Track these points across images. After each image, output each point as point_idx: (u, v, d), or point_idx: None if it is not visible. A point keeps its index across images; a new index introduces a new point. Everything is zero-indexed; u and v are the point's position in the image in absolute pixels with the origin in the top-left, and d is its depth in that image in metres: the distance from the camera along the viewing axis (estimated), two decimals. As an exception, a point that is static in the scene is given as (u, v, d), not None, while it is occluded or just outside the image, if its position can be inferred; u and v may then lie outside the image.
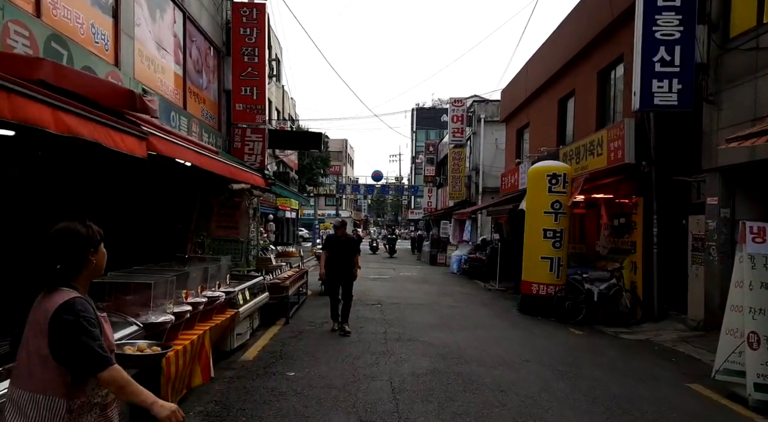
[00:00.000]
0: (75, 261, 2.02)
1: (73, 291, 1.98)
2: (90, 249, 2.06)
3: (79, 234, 2.03)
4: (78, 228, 2.04)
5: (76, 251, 2.02)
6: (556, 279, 10.33)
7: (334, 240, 8.29)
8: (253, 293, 7.35)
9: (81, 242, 2.03)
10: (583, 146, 11.92)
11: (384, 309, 10.42)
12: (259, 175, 7.85)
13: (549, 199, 10.38)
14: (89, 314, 1.94)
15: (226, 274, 6.31)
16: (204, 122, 11.45)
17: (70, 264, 2.01)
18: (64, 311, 1.89)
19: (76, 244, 2.02)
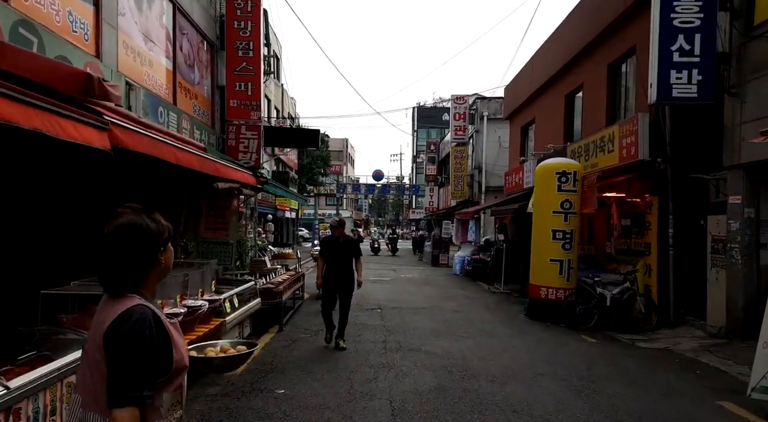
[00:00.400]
0: (143, 263, 1.72)
1: (137, 297, 1.69)
2: (159, 247, 1.76)
3: (147, 231, 1.73)
4: (146, 222, 1.74)
5: (145, 250, 1.72)
6: (566, 282, 9.79)
7: (330, 242, 7.42)
8: (243, 299, 6.83)
9: (150, 239, 1.73)
10: (593, 143, 11.39)
11: (384, 314, 9.89)
12: (250, 173, 7.33)
13: (558, 198, 9.84)
14: (145, 328, 1.63)
15: (212, 280, 5.79)
16: (196, 119, 10.94)
17: (137, 266, 1.71)
18: (120, 323, 1.61)
19: (145, 242, 1.72)
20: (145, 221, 1.74)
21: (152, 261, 1.74)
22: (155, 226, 1.75)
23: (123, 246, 1.68)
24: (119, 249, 1.68)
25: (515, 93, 18.69)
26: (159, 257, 1.76)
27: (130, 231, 1.70)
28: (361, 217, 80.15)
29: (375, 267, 21.69)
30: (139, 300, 1.68)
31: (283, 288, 8.27)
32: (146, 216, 1.76)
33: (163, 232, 1.78)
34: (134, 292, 1.70)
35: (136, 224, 1.71)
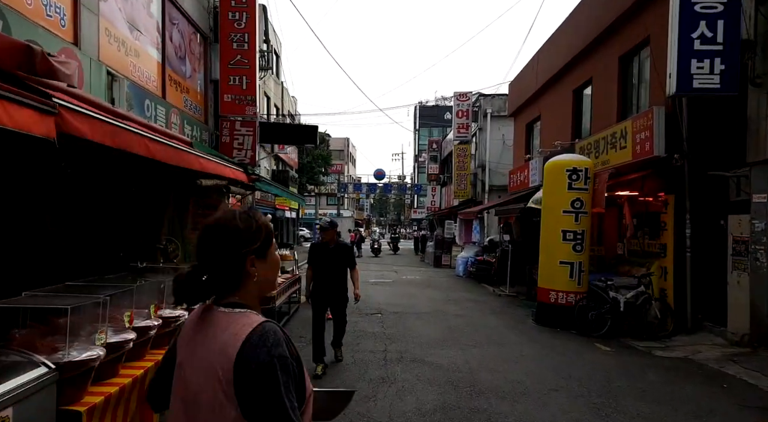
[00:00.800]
0: (226, 271, 1.42)
1: (251, 312, 1.40)
2: (246, 252, 1.41)
3: (233, 232, 1.42)
4: (234, 221, 1.43)
5: (226, 256, 1.41)
6: (576, 286, 9.25)
7: (319, 249, 6.28)
8: (232, 307, 6.31)
9: (233, 243, 1.41)
10: (603, 139, 10.85)
11: (384, 319, 9.36)
12: (240, 170, 6.80)
13: (569, 197, 9.30)
14: (286, 351, 1.33)
15: (194, 287, 5.25)
16: (187, 113, 10.42)
17: (219, 275, 1.42)
18: (255, 348, 1.29)
19: (227, 246, 1.41)
20: (234, 220, 1.42)
21: (238, 270, 1.41)
22: (245, 227, 1.42)
23: (204, 250, 1.42)
24: (201, 253, 1.42)
25: (520, 89, 18.14)
26: (247, 265, 1.41)
27: (212, 233, 1.42)
28: (362, 217, 79.66)
29: (376, 268, 21.16)
30: (256, 315, 1.37)
31: (277, 292, 7.74)
32: (240, 215, 1.44)
33: (253, 236, 1.43)
34: (239, 307, 1.38)
35: (220, 223, 1.42)
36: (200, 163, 5.20)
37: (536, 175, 15.22)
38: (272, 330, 1.34)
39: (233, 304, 1.40)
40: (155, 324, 4.19)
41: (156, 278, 4.88)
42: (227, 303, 1.40)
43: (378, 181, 52.77)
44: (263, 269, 1.45)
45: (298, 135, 13.14)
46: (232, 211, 1.47)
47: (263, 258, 1.46)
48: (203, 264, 1.43)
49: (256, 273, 1.43)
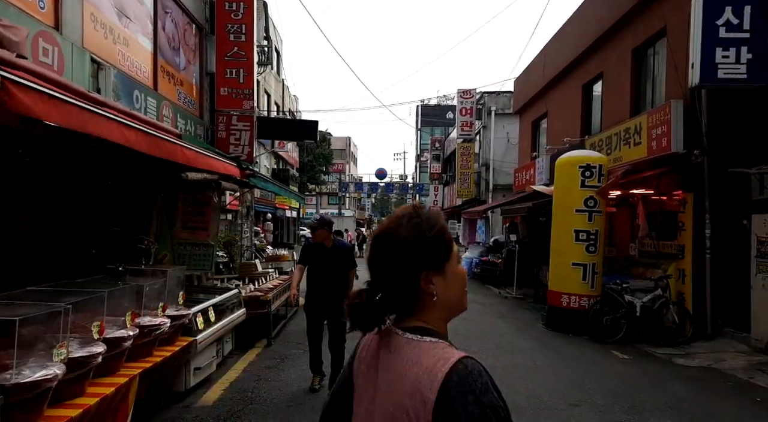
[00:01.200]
0: (399, 289, 1.17)
1: (442, 343, 1.14)
2: (418, 268, 1.15)
3: (398, 242, 1.18)
4: (398, 229, 1.18)
5: (395, 271, 1.17)
6: (590, 289, 8.77)
7: (313, 251, 5.41)
8: (222, 311, 5.84)
9: (400, 256, 1.16)
10: (616, 135, 10.38)
11: (387, 324, 8.89)
12: (233, 164, 6.33)
13: (582, 195, 8.82)
14: (497, 399, 1.05)
15: (179, 291, 4.79)
16: (180, 107, 9.95)
17: (395, 293, 1.18)
18: (462, 394, 1.02)
19: (393, 259, 1.17)
20: (400, 228, 1.18)
21: (412, 289, 1.16)
22: (414, 237, 1.17)
23: (374, 265, 1.22)
24: (372, 268, 1.23)
25: (526, 85, 17.66)
26: (421, 283, 1.15)
27: (379, 245, 1.22)
28: (364, 217, 79.15)
29: (377, 268, 20.71)
30: (449, 346, 1.14)
31: (273, 296, 7.28)
32: (409, 221, 1.19)
33: (425, 248, 1.16)
34: (425, 332, 1.15)
35: (387, 233, 1.21)
36: (185, 154, 4.73)
37: (543, 174, 14.76)
38: (477, 370, 1.09)
39: (419, 330, 1.16)
40: (130, 334, 3.72)
41: (137, 281, 4.41)
42: (411, 328, 1.17)
43: (380, 180, 52.22)
44: (443, 286, 1.18)
45: (297, 130, 12.63)
46: (401, 216, 1.21)
47: (441, 273, 1.17)
48: (376, 282, 1.22)
49: (434, 292, 1.16)
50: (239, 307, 6.48)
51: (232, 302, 6.32)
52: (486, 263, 15.98)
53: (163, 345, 4.43)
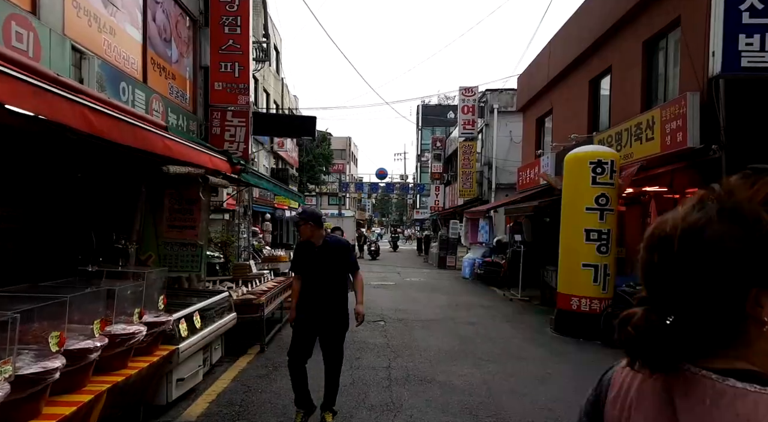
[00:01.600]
0: (711, 312, 0.81)
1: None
2: (748, 284, 0.78)
3: (718, 246, 0.79)
4: (718, 227, 0.80)
5: (709, 287, 0.80)
6: (601, 292, 8.34)
7: (304, 251, 4.49)
8: (210, 316, 5.42)
9: (722, 265, 0.79)
10: (626, 130, 9.94)
11: (388, 328, 8.45)
12: (223, 158, 5.90)
13: (593, 193, 8.38)
14: None
15: (159, 295, 4.37)
16: (172, 101, 9.54)
17: (703, 318, 0.82)
18: None
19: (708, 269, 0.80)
20: (722, 226, 0.79)
21: (732, 312, 0.79)
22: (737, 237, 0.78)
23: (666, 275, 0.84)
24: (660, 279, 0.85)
25: (530, 82, 17.22)
26: (747, 305, 0.79)
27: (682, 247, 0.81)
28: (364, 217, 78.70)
29: (378, 269, 20.27)
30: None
31: (266, 299, 6.84)
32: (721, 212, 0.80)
33: (760, 253, 0.77)
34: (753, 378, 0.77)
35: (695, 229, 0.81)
36: (166, 144, 4.30)
37: (548, 172, 14.32)
38: None
39: (745, 374, 0.79)
40: (98, 345, 3.29)
41: (113, 284, 3.99)
42: (731, 371, 0.80)
43: (380, 180, 51.81)
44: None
45: (294, 126, 12.18)
46: (701, 205, 0.84)
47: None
48: (666, 298, 0.85)
49: (766, 318, 0.79)
50: (229, 311, 6.06)
51: (222, 306, 5.89)
52: (489, 264, 15.53)
53: (140, 355, 4.01)
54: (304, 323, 4.40)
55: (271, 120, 12.19)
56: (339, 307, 4.44)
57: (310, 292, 4.41)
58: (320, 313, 4.37)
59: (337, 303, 4.42)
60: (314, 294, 4.38)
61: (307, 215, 4.41)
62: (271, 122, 11.95)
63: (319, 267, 4.40)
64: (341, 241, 4.69)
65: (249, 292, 7.13)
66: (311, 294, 4.40)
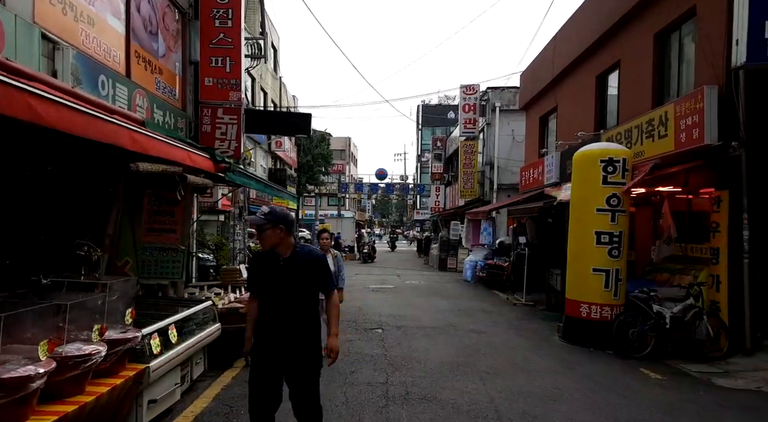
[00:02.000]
0: None
1: None
2: None
3: None
4: None
5: None
6: (613, 298, 7.84)
7: (265, 264, 3.46)
8: (190, 329, 4.93)
9: None
10: (637, 127, 9.46)
11: (386, 337, 7.96)
12: (205, 155, 5.42)
13: (604, 193, 7.89)
14: None
15: (127, 307, 3.88)
16: (158, 97, 9.05)
17: None
18: None
19: None
20: None
21: None
22: None
23: None
24: None
25: (533, 79, 16.75)
26: None
27: None
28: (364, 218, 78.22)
29: (378, 272, 19.80)
30: None
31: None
32: None
33: None
34: None
35: None
36: (133, 138, 3.82)
37: (552, 172, 13.84)
38: None
39: None
40: (41, 371, 2.80)
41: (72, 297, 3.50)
42: None
43: (380, 180, 51.34)
44: None
45: (289, 124, 11.67)
46: None
47: None
48: None
49: None
50: (213, 322, 5.57)
51: (205, 316, 5.41)
52: (492, 267, 15.05)
53: (102, 377, 3.52)
54: (264, 359, 3.34)
55: (265, 117, 11.69)
56: (309, 339, 3.37)
57: (271, 319, 3.34)
58: (283, 347, 3.30)
59: (307, 334, 3.37)
60: (276, 321, 3.32)
61: (276, 216, 3.26)
62: (264, 119, 11.46)
63: (285, 286, 3.32)
64: (314, 253, 3.56)
65: (237, 300, 6.64)
66: (272, 322, 3.33)
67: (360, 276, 18.03)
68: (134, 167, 3.97)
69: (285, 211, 3.54)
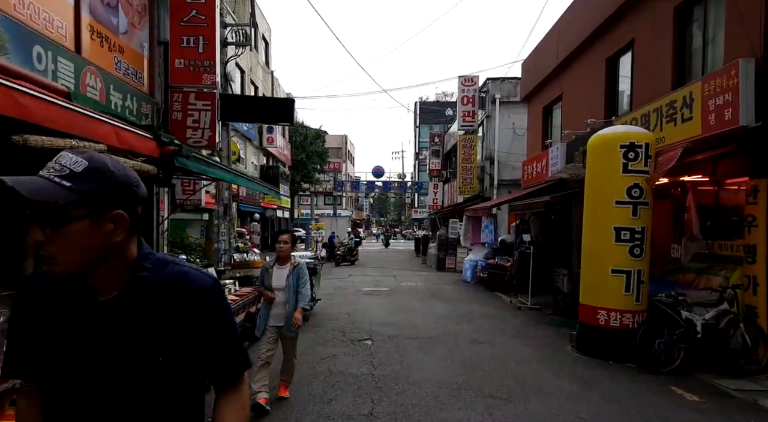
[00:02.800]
0: None
1: None
2: None
3: None
4: None
5: None
6: (634, 303, 6.83)
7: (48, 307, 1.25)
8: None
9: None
10: (656, 111, 8.47)
11: (375, 350, 6.94)
12: (146, 135, 4.38)
13: (624, 183, 6.88)
14: None
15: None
16: (118, 78, 8.01)
17: None
18: None
19: None
20: None
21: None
22: None
23: None
24: None
25: (536, 67, 15.73)
26: None
27: None
28: (362, 217, 77.21)
29: (373, 273, 18.76)
30: None
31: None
32: None
33: None
34: None
35: None
36: (18, 102, 2.78)
37: (557, 164, 12.84)
38: None
39: None
40: None
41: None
42: None
43: (376, 178, 50.33)
44: None
45: (270, 111, 10.55)
46: None
47: None
48: None
49: None
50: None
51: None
52: (493, 267, 14.03)
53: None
54: None
55: (243, 103, 10.58)
56: None
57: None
58: None
59: None
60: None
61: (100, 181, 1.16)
62: (242, 106, 10.37)
63: (103, 375, 1.22)
64: (191, 282, 1.32)
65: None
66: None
67: (354, 278, 17.02)
68: (19, 140, 2.93)
69: (125, 170, 1.24)
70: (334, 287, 13.96)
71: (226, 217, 15.73)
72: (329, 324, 8.56)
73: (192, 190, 16.76)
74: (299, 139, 38.83)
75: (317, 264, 8.86)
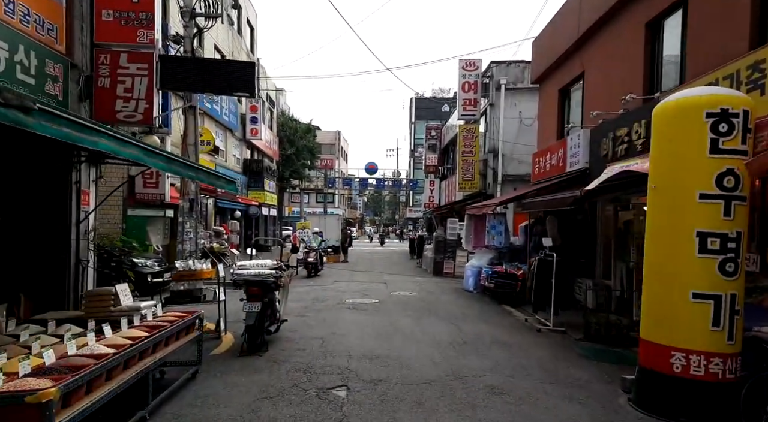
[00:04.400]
0: None
1: None
2: None
3: None
4: None
5: None
6: (725, 343, 4.73)
7: None
8: None
9: None
10: (728, 77, 6.47)
11: (350, 408, 4.81)
12: None
13: (712, 168, 4.78)
14: None
15: None
16: (15, 28, 5.86)
17: None
18: None
19: None
20: None
21: None
22: None
23: None
24: None
25: (552, 43, 13.62)
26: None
27: None
28: (355, 216, 75.02)
29: (362, 279, 16.63)
30: None
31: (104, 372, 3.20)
32: None
33: None
34: None
35: None
36: None
37: (579, 155, 10.78)
38: None
39: None
40: None
41: None
42: None
43: (370, 175, 48.25)
44: None
45: (225, 77, 8.19)
46: None
47: None
48: None
49: None
50: None
51: None
52: (502, 275, 11.92)
53: None
54: None
55: (190, 67, 8.30)
56: None
57: None
58: None
59: None
60: None
61: None
62: (188, 70, 8.06)
63: None
64: None
65: (62, 358, 3.49)
66: None
67: (339, 284, 14.89)
68: None
69: None
70: (313, 298, 11.81)
71: (192, 214, 13.60)
72: (294, 357, 6.44)
73: (155, 184, 14.61)
74: (289, 133, 36.71)
75: (280, 275, 6.73)
